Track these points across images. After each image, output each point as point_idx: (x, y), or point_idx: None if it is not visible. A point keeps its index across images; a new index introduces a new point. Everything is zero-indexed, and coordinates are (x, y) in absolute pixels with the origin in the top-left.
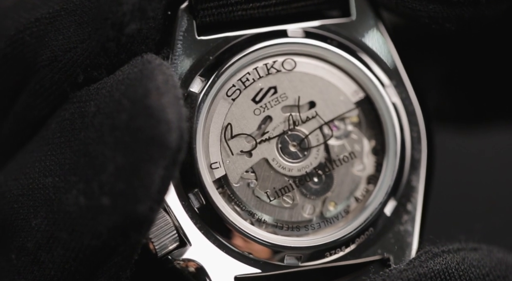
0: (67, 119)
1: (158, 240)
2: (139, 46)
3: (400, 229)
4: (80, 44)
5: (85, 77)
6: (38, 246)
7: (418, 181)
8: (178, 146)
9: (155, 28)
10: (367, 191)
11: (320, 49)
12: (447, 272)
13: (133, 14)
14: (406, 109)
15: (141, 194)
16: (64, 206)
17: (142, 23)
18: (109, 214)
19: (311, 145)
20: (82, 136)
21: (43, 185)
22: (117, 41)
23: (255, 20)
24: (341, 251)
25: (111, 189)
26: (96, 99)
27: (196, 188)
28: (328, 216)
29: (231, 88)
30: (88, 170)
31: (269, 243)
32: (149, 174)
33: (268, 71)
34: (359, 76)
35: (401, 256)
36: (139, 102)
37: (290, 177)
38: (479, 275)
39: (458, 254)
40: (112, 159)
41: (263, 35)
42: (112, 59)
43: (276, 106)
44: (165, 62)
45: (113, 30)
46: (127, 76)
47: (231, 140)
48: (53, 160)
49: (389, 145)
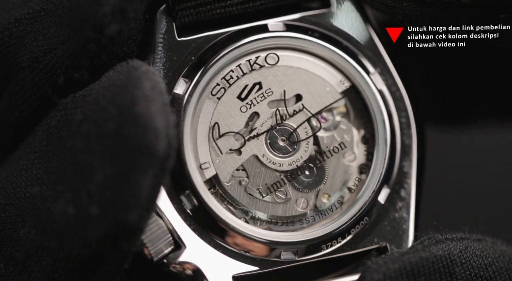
0: (53, 126)
1: (153, 245)
2: (120, 47)
3: (395, 216)
4: (60, 45)
5: (65, 78)
6: (26, 256)
7: (410, 167)
8: (167, 154)
9: (136, 29)
10: (359, 181)
11: (302, 41)
12: (449, 258)
13: (113, 15)
14: (393, 95)
15: (130, 203)
16: (52, 215)
17: (123, 24)
18: (98, 224)
19: (300, 138)
20: (69, 144)
21: (30, 194)
22: (98, 42)
23: (235, 17)
24: (338, 243)
25: (100, 198)
26: (83, 106)
27: (188, 190)
28: (322, 208)
29: (216, 87)
30: (76, 179)
31: (264, 240)
32: (138, 183)
33: (252, 67)
34: (343, 66)
35: (398, 243)
36: (127, 110)
37: (281, 172)
38: (481, 264)
39: (462, 242)
40: (100, 168)
41: (244, 31)
42: (93, 60)
43: (262, 101)
44: (151, 68)
45: (94, 31)
46: (113, 83)
47: (219, 139)
48: (40, 168)
49: (379, 133)
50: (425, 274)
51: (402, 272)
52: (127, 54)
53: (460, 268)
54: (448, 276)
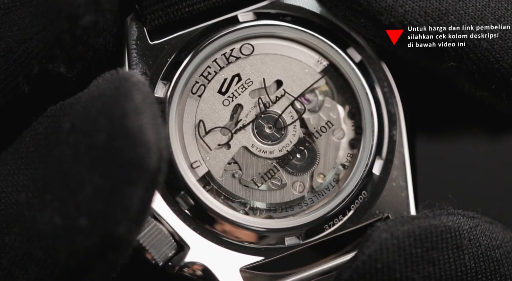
0: (40, 133)
1: (156, 250)
2: (96, 38)
3: (392, 185)
4: (35, 35)
5: (40, 69)
6: (12, 262)
7: (400, 135)
8: (158, 167)
9: (112, 21)
10: (352, 156)
11: (274, 27)
12: (459, 231)
13: (87, 6)
14: (372, 66)
15: (119, 216)
16: (39, 224)
17: (98, 15)
18: (87, 235)
19: (286, 123)
20: (56, 152)
21: (16, 200)
22: (72, 33)
23: (204, 13)
24: (340, 221)
25: (89, 209)
26: (70, 114)
27: (182, 191)
28: (319, 189)
29: (195, 85)
30: (64, 189)
31: (266, 229)
32: (128, 196)
33: (228, 60)
34: (319, 45)
35: (400, 212)
36: (118, 123)
37: (273, 159)
38: (489, 245)
39: (473, 220)
40: (90, 179)
41: (215, 25)
42: (68, 51)
43: (244, 92)
44: (141, 78)
45: (68, 21)
46: (103, 93)
47: (207, 136)
48: (26, 175)
49: (363, 106)
50: (432, 241)
51: (410, 234)
52: (103, 46)
53: (468, 243)
54: (455, 248)
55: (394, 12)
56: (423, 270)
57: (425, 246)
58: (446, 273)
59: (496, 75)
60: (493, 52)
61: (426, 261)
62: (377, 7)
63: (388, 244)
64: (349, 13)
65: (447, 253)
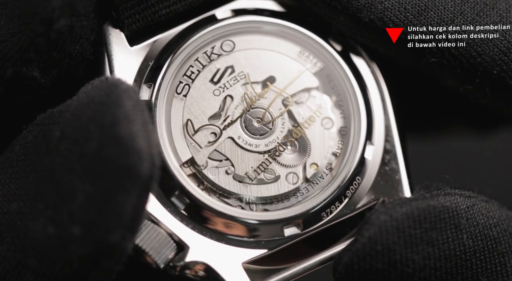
0: (30, 142)
1: (156, 252)
2: (72, 45)
3: (385, 169)
4: (10, 38)
5: (14, 72)
6: (6, 272)
7: (388, 119)
8: (150, 174)
9: (89, 27)
10: (342, 143)
11: (252, 23)
12: (456, 211)
13: (62, 10)
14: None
15: (112, 224)
16: (32, 233)
17: (73, 20)
18: (80, 243)
19: (274, 116)
20: (47, 161)
21: (8, 210)
22: (47, 37)
23: (182, 14)
24: (336, 208)
25: (82, 218)
26: (60, 122)
27: (177, 191)
28: (313, 178)
29: (179, 85)
30: (55, 198)
31: (264, 221)
32: (121, 204)
33: (210, 58)
34: (299, 37)
35: (395, 195)
36: (109, 131)
37: (264, 153)
38: (486, 223)
39: (470, 200)
40: (82, 188)
41: (194, 25)
42: (43, 56)
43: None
44: (131, 86)
45: (42, 25)
46: (93, 100)
47: (196, 135)
48: (17, 184)
49: (350, 93)
50: (431, 221)
51: (409, 216)
52: (81, 53)
53: (466, 223)
54: (453, 228)
55: (373, 9)
56: (423, 250)
57: (424, 227)
58: (445, 253)
59: (479, 69)
60: (474, 46)
61: (426, 242)
62: (356, 4)
63: (388, 226)
64: (329, 11)
65: (445, 233)
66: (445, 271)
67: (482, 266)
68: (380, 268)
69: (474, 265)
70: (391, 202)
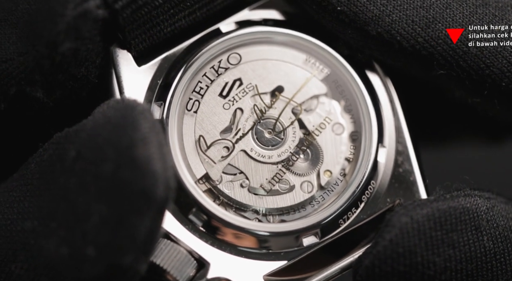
0: (45, 160)
1: (177, 271)
2: (77, 68)
3: (399, 171)
4: (17, 57)
5: (17, 90)
6: None
7: (398, 120)
8: (165, 197)
9: (94, 50)
10: (354, 148)
11: (257, 34)
12: (477, 212)
13: (67, 33)
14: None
15: (126, 246)
16: (45, 252)
17: (78, 43)
18: (93, 264)
19: (285, 125)
20: (62, 180)
21: (22, 228)
22: (52, 59)
23: (186, 30)
24: (353, 214)
25: (96, 239)
26: (76, 142)
27: (194, 208)
28: (327, 186)
29: (189, 102)
30: (69, 218)
31: (282, 233)
32: (135, 226)
33: (217, 72)
34: (304, 44)
35: (411, 196)
36: (125, 153)
37: (278, 163)
38: (506, 225)
39: (489, 201)
40: (97, 209)
41: (199, 41)
42: (48, 77)
43: (238, 102)
44: (147, 107)
45: (47, 48)
46: (109, 121)
47: (209, 150)
48: (31, 202)
49: (358, 98)
50: (451, 223)
51: (429, 218)
52: (85, 76)
53: (486, 224)
54: (473, 229)
55: (381, 22)
56: (444, 252)
57: (444, 229)
58: (466, 255)
59: (487, 81)
60: (483, 58)
61: (447, 244)
62: (364, 17)
63: (409, 228)
64: (336, 24)
65: (466, 235)
66: (466, 273)
67: (502, 268)
68: (402, 270)
69: (495, 267)
70: (411, 204)
